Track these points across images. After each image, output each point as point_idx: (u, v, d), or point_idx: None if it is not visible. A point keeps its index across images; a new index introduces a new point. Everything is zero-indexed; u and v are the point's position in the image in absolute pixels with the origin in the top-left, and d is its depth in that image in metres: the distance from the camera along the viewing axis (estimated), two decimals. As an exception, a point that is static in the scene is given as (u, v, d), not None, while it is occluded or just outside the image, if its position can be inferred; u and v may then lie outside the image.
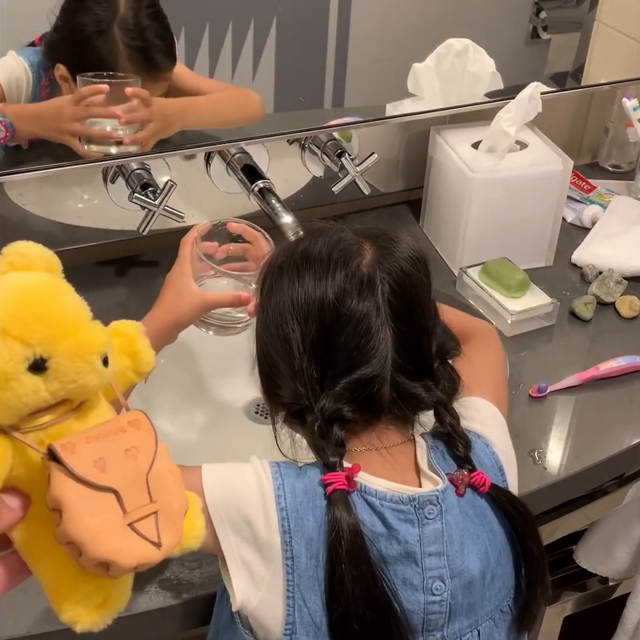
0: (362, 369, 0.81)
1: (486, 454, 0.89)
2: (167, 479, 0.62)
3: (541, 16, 1.57)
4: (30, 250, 0.64)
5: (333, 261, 0.82)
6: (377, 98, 1.50)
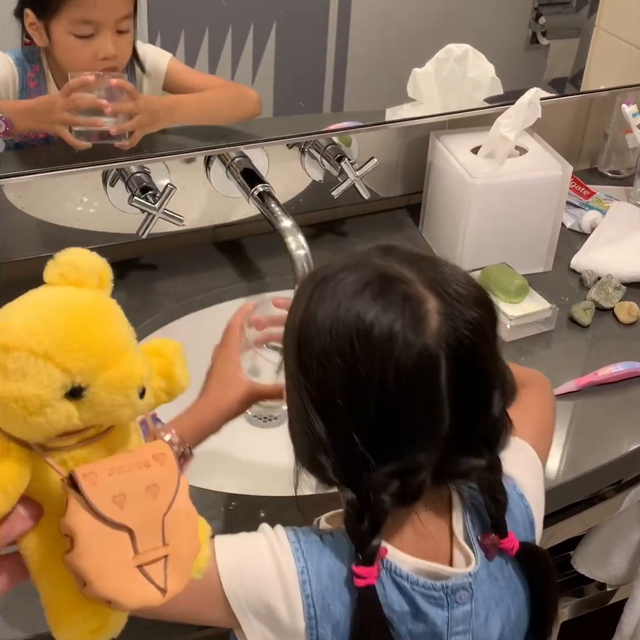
0: (414, 454, 0.74)
1: (520, 509, 0.86)
2: (182, 523, 0.61)
3: (540, 22, 1.57)
4: (84, 262, 0.61)
5: (397, 322, 0.71)
6: (377, 103, 1.51)
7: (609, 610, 1.52)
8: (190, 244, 1.47)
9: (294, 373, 0.76)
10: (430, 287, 0.73)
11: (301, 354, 0.74)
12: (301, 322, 0.75)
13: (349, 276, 0.74)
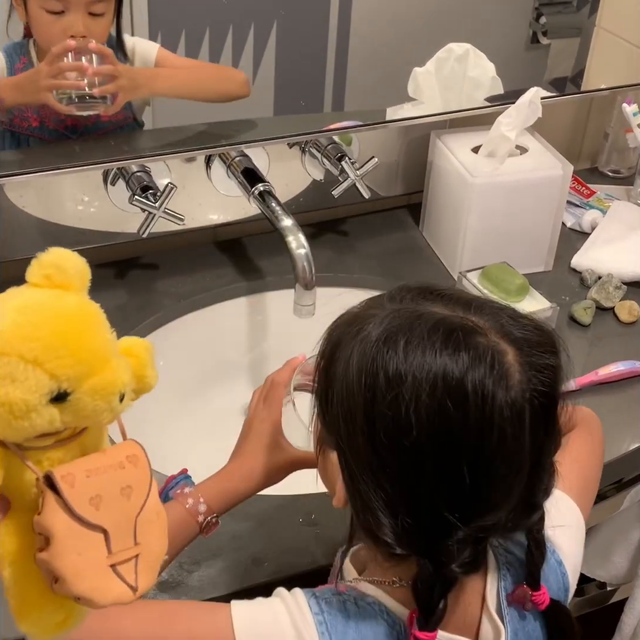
0: (499, 512, 0.69)
1: (556, 575, 0.83)
2: (153, 523, 0.63)
3: (541, 21, 1.57)
4: (69, 264, 0.62)
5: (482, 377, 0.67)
6: (377, 102, 1.51)
7: (609, 610, 1.52)
8: (190, 243, 1.47)
9: (355, 433, 0.69)
10: (504, 336, 0.70)
11: (370, 418, 0.68)
12: (369, 378, 0.68)
13: (421, 331, 0.68)
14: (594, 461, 0.98)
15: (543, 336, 0.72)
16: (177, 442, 1.25)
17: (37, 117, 1.27)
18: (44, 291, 0.61)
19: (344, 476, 0.72)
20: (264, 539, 1.02)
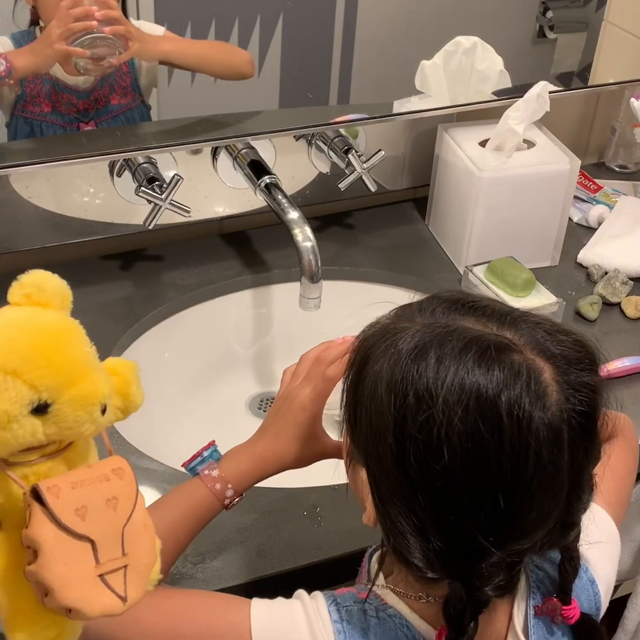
0: (533, 537, 0.67)
1: (587, 594, 0.80)
2: (141, 534, 0.64)
3: (548, 15, 1.57)
4: (47, 284, 0.64)
5: (519, 396, 0.64)
6: (384, 95, 1.50)
7: (612, 606, 1.50)
8: (196, 236, 1.47)
9: (384, 452, 0.67)
10: (540, 352, 0.67)
11: (400, 440, 0.65)
12: (401, 395, 0.66)
13: (455, 350, 0.65)
14: (631, 471, 0.95)
15: (582, 352, 0.69)
16: (181, 433, 1.25)
17: (49, 102, 1.27)
18: (24, 308, 0.63)
19: (374, 497, 0.70)
20: (269, 531, 1.02)
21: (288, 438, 0.88)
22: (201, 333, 1.38)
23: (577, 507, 0.70)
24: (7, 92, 1.25)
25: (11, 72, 1.22)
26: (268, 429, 0.90)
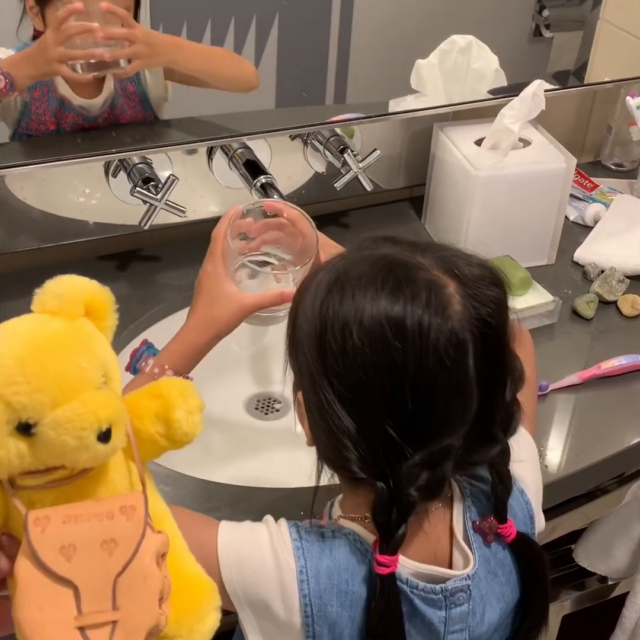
0: (448, 437, 0.73)
1: (520, 505, 0.86)
2: (138, 588, 0.55)
3: (544, 14, 1.57)
4: (67, 290, 0.58)
5: (422, 310, 0.70)
6: (380, 94, 1.50)
7: (610, 604, 1.52)
8: (192, 236, 1.46)
9: (312, 371, 0.74)
10: (447, 271, 0.73)
11: (324, 353, 0.72)
12: (321, 321, 0.73)
13: (366, 269, 0.73)
14: (535, 385, 1.02)
15: (487, 271, 0.75)
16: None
17: (54, 120, 1.26)
18: (27, 317, 0.57)
19: (307, 414, 0.77)
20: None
21: (204, 307, 0.95)
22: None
23: (494, 419, 0.76)
24: (12, 108, 1.24)
25: (13, 85, 1.19)
26: (190, 310, 0.97)
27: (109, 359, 0.59)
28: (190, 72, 1.31)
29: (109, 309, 0.60)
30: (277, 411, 1.29)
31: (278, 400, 1.31)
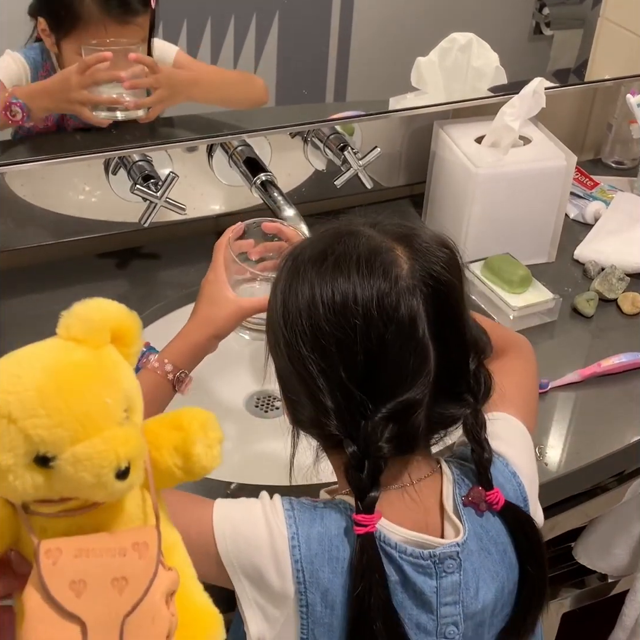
0: (407, 392, 0.76)
1: (512, 486, 0.87)
2: (146, 629, 0.54)
3: (544, 12, 1.56)
4: (95, 315, 0.56)
5: (369, 273, 0.76)
6: (380, 92, 1.50)
7: (610, 602, 1.52)
8: (192, 233, 1.47)
9: (286, 341, 0.79)
10: (396, 236, 0.79)
11: (287, 316, 0.78)
12: (284, 297, 0.79)
13: (316, 243, 0.81)
14: (532, 384, 1.04)
15: (438, 238, 0.81)
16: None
17: (56, 125, 1.27)
18: (52, 342, 0.55)
19: (280, 382, 0.83)
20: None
21: (204, 310, 1.01)
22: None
23: (460, 379, 0.81)
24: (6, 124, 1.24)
25: (29, 118, 1.20)
26: (192, 313, 1.02)
27: (133, 388, 0.58)
28: (206, 102, 1.35)
29: (136, 335, 0.59)
30: (276, 409, 1.29)
31: (278, 398, 1.31)
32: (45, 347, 0.55)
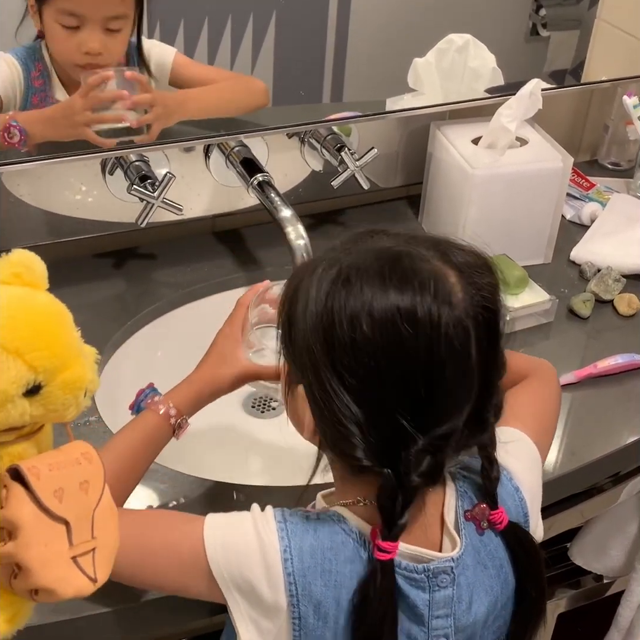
0: (450, 422, 0.75)
1: (514, 501, 0.87)
2: (108, 517, 0.65)
3: (541, 13, 1.57)
4: (36, 265, 0.65)
5: (431, 296, 0.73)
6: (377, 93, 1.50)
7: (605, 603, 1.52)
8: (189, 234, 1.47)
9: (318, 364, 0.75)
10: (446, 261, 0.76)
11: (332, 346, 0.74)
12: (327, 314, 0.75)
13: (371, 262, 0.75)
14: (549, 406, 1.03)
15: (480, 259, 0.79)
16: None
17: None
18: (16, 288, 0.63)
19: (311, 406, 0.78)
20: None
21: (213, 362, 1.00)
22: (194, 331, 1.37)
23: (489, 402, 0.79)
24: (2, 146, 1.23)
25: (26, 143, 1.21)
26: (201, 361, 1.02)
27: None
28: (205, 117, 1.35)
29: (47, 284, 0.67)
30: (273, 409, 1.29)
31: (274, 398, 1.31)
32: (14, 292, 0.63)
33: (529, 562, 0.85)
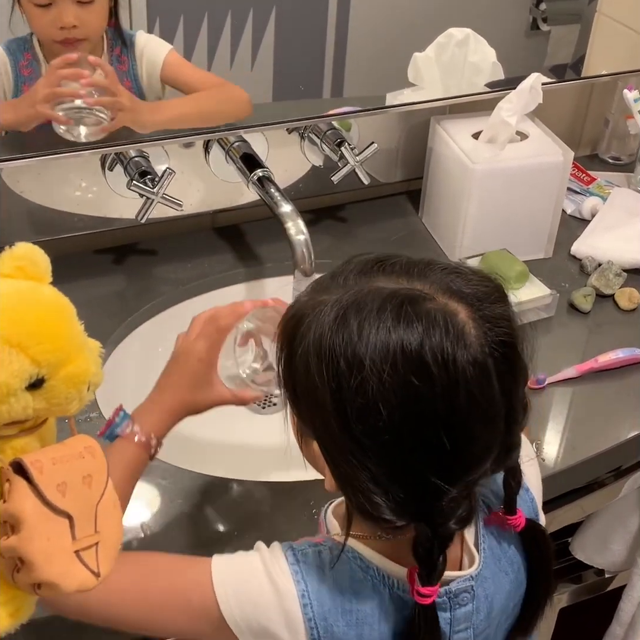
0: (482, 466, 0.71)
1: (525, 502, 0.85)
2: (111, 511, 0.65)
3: (541, 8, 1.56)
4: (40, 258, 0.66)
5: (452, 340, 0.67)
6: (377, 87, 1.50)
7: (607, 597, 1.52)
8: (189, 229, 1.47)
9: (333, 427, 0.70)
10: (451, 295, 0.70)
11: (344, 412, 0.68)
12: (331, 376, 0.68)
13: (366, 311, 0.69)
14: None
15: (490, 286, 0.73)
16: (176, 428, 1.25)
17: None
18: (20, 281, 0.63)
19: (329, 464, 0.73)
20: (264, 524, 1.02)
21: (189, 387, 0.94)
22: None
23: (516, 429, 0.74)
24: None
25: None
26: (170, 382, 0.95)
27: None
28: (183, 127, 1.33)
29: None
30: (274, 405, 1.29)
31: (275, 394, 1.31)
32: (20, 286, 0.63)
33: (542, 558, 0.84)
